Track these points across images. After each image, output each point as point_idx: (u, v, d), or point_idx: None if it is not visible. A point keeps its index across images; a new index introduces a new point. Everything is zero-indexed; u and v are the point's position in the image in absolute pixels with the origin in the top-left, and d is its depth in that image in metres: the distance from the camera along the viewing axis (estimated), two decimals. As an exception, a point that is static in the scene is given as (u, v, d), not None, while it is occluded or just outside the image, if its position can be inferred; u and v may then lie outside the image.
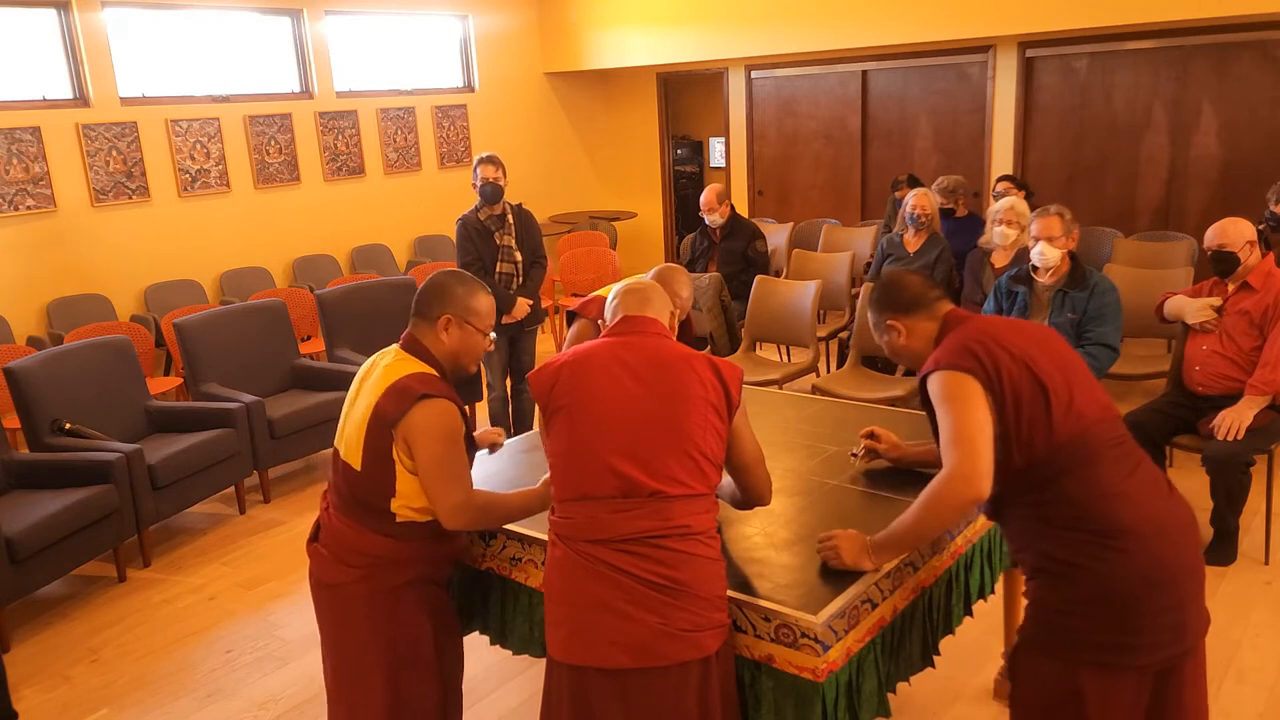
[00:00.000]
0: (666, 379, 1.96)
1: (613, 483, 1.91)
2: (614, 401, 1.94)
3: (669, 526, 1.90)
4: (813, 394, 4.11)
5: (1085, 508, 1.92)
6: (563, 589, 1.96)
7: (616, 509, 1.91)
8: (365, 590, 2.27)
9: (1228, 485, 3.59)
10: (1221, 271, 3.72)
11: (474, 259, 4.95)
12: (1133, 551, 1.89)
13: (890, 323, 2.20)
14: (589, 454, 1.93)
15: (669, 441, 1.91)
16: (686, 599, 1.88)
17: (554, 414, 1.99)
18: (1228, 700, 2.93)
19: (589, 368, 1.99)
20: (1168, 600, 1.90)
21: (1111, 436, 1.98)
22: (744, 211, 7.87)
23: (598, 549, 1.91)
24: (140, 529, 4.26)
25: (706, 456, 1.94)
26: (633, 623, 1.87)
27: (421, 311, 2.34)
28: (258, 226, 7.44)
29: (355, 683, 2.32)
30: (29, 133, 6.22)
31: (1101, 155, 7.10)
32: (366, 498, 2.25)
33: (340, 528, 2.31)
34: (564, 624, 1.95)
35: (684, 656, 1.87)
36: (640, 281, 2.22)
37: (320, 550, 2.35)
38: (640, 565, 1.88)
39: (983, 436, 1.91)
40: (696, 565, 1.90)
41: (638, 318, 2.09)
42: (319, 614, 2.39)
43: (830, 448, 2.78)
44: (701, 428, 1.93)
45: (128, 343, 4.88)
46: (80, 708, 3.31)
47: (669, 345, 2.05)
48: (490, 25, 8.95)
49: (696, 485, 1.93)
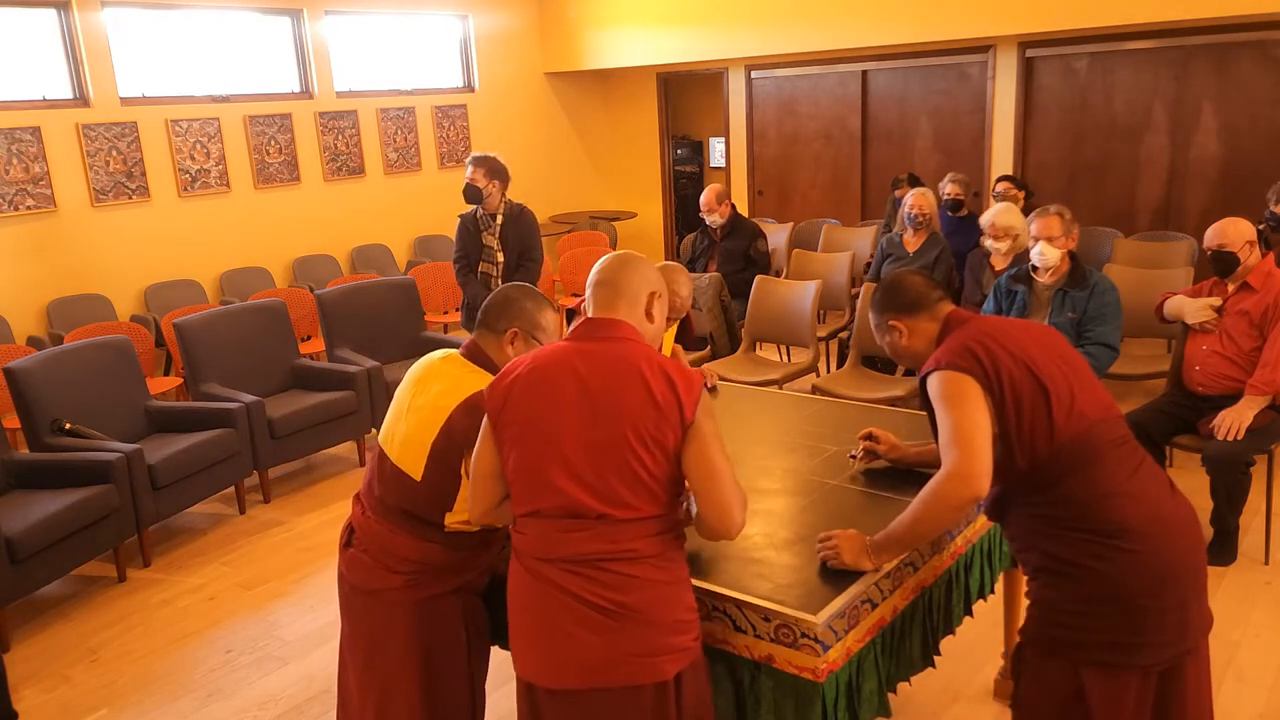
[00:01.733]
0: (618, 394, 1.84)
1: (559, 504, 1.84)
2: (563, 420, 1.85)
3: (616, 550, 1.82)
4: (813, 394, 4.11)
5: (1089, 508, 1.92)
6: (517, 603, 1.93)
7: (565, 528, 1.84)
8: (409, 598, 2.26)
9: (1228, 485, 3.59)
10: (1221, 271, 3.72)
11: (460, 255, 5.03)
12: (1137, 551, 1.89)
13: (892, 323, 2.21)
14: (537, 474, 1.86)
15: (617, 462, 1.82)
16: (634, 623, 1.81)
17: (504, 429, 1.91)
18: (1228, 700, 2.93)
19: (541, 382, 1.89)
20: (1171, 599, 1.90)
21: (1114, 436, 1.98)
22: (744, 211, 7.86)
23: (546, 568, 1.86)
24: (140, 529, 4.26)
25: (655, 476, 1.83)
26: (578, 644, 1.82)
27: (489, 323, 2.31)
28: (258, 226, 7.45)
29: (388, 687, 2.30)
30: (29, 133, 6.22)
31: (1101, 155, 7.10)
32: (420, 508, 2.23)
33: (384, 534, 2.27)
34: (518, 638, 1.93)
35: (633, 680, 1.81)
36: (614, 268, 2.02)
37: (360, 556, 2.31)
38: (586, 587, 1.82)
39: (981, 436, 1.91)
40: (645, 589, 1.83)
41: (602, 321, 1.95)
42: (351, 618, 2.36)
43: (830, 448, 2.78)
44: (649, 448, 1.82)
45: (128, 343, 4.88)
46: (80, 708, 3.31)
47: (628, 354, 1.89)
48: (490, 25, 8.95)
49: (646, 508, 1.83)
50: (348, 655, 2.41)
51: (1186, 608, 1.93)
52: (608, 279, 2.00)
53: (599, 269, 2.03)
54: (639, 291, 2.00)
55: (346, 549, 2.36)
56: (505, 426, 1.91)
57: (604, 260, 2.05)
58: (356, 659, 2.37)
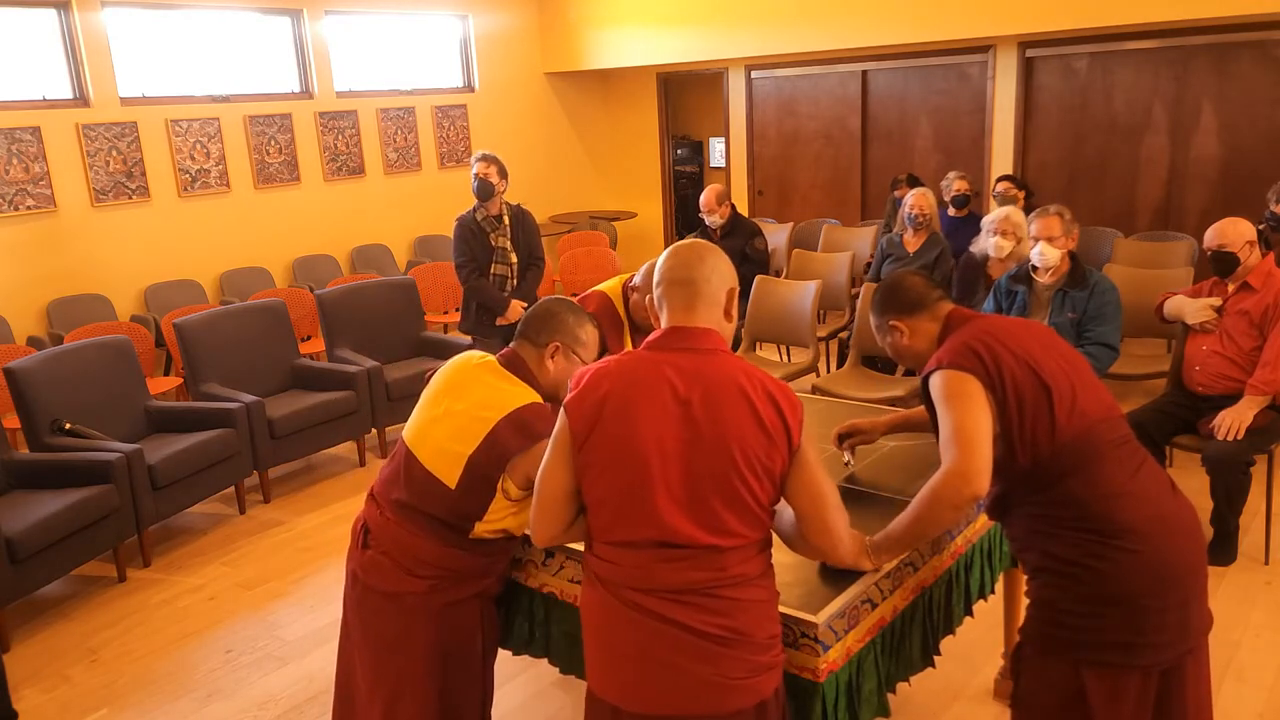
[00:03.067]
0: (722, 415, 1.73)
1: (663, 533, 1.73)
2: (664, 445, 1.73)
3: (725, 577, 1.74)
4: (813, 394, 4.11)
5: (1090, 508, 1.92)
6: (604, 634, 1.82)
7: (668, 558, 1.74)
8: (429, 602, 2.23)
9: (1228, 485, 3.59)
10: (1221, 272, 3.72)
11: (469, 259, 4.93)
12: (1138, 551, 1.89)
13: (894, 324, 2.20)
14: (637, 501, 1.74)
15: (723, 489, 1.72)
16: (741, 647, 1.74)
17: (595, 451, 1.77)
18: (1228, 700, 2.93)
19: (636, 399, 1.75)
20: (1173, 599, 1.90)
21: (1115, 436, 1.98)
22: (744, 211, 7.86)
23: (646, 599, 1.75)
24: (140, 529, 4.26)
25: (761, 503, 1.76)
26: (683, 674, 1.73)
27: (529, 336, 2.27)
28: (258, 226, 7.45)
29: (399, 688, 2.28)
30: (29, 133, 6.22)
31: (1101, 155, 7.10)
32: (450, 514, 2.19)
33: (406, 538, 2.23)
34: (606, 667, 1.83)
35: (739, 705, 1.75)
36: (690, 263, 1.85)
37: (379, 559, 2.26)
38: (693, 616, 1.73)
39: (981, 435, 1.91)
40: (753, 610, 1.77)
41: (690, 331, 1.81)
42: (364, 619, 2.32)
43: (830, 448, 2.78)
44: (757, 474, 1.74)
45: (128, 343, 4.88)
46: (80, 708, 3.31)
47: (726, 369, 1.78)
48: (490, 25, 8.95)
49: (750, 533, 1.76)
50: (356, 655, 2.37)
51: (1187, 608, 1.93)
52: (684, 276, 1.84)
53: (671, 265, 1.87)
54: (718, 290, 1.85)
55: (364, 550, 2.30)
56: (595, 447, 1.77)
57: (675, 253, 1.89)
58: (367, 659, 2.33)
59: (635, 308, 3.15)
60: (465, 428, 2.16)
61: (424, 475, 2.20)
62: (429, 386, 2.32)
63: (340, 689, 2.48)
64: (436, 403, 2.25)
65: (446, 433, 2.19)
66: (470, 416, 2.17)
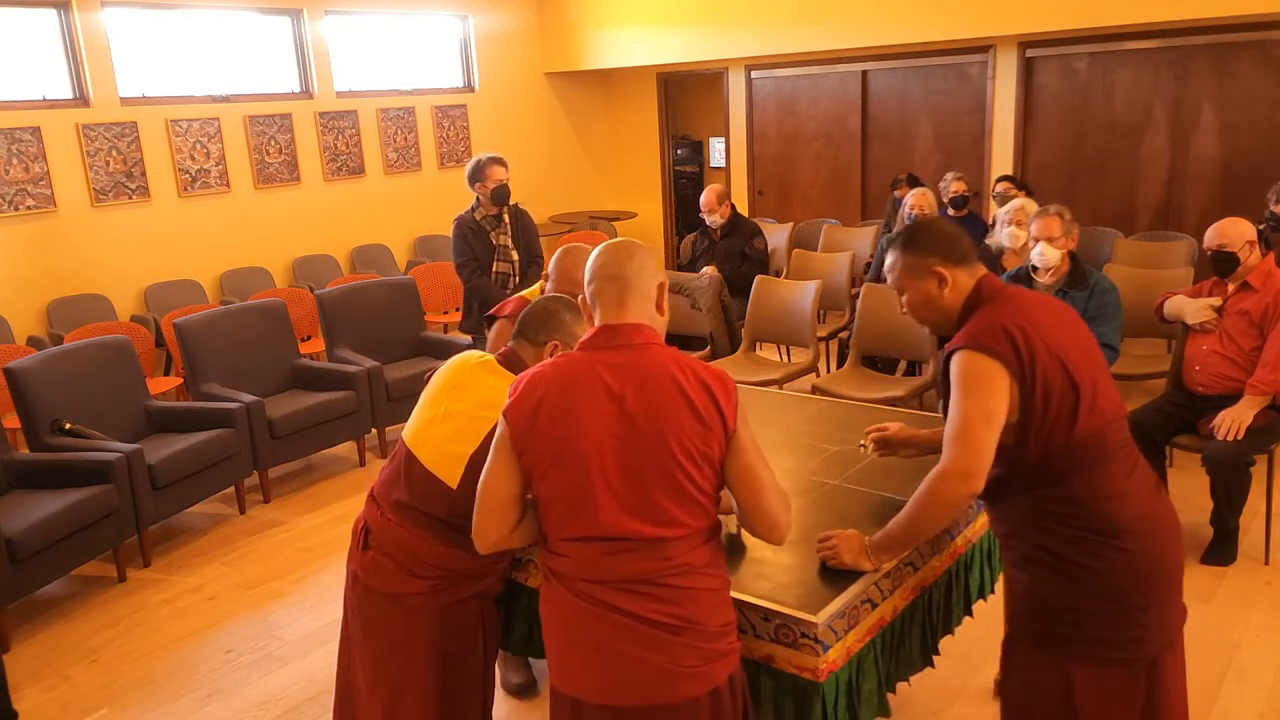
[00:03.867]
0: (656, 407, 1.76)
1: (609, 529, 1.77)
2: (602, 442, 1.76)
3: (670, 567, 1.78)
4: (813, 394, 4.11)
5: (1089, 507, 1.92)
6: (559, 627, 1.86)
7: (615, 550, 1.78)
8: (431, 603, 2.23)
9: (1228, 485, 3.59)
10: (1221, 271, 3.72)
11: (470, 259, 4.93)
12: (1132, 550, 1.91)
13: (938, 269, 1.99)
14: (581, 499, 1.77)
15: (664, 481, 1.75)
16: (692, 634, 1.79)
17: (537, 454, 1.80)
18: (1228, 700, 2.93)
19: (573, 402, 1.78)
20: (1156, 596, 1.95)
21: (1121, 438, 1.99)
22: (744, 212, 7.86)
23: (598, 589, 1.80)
24: (140, 529, 4.26)
25: (703, 490, 1.79)
26: (636, 663, 1.77)
27: (528, 335, 2.28)
28: (258, 226, 7.44)
29: (401, 688, 2.29)
30: (29, 133, 6.22)
31: (1101, 155, 7.10)
32: (451, 515, 2.19)
33: (408, 539, 2.23)
34: (565, 660, 1.86)
35: (693, 693, 1.78)
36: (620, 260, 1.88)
37: (381, 560, 2.26)
38: (643, 605, 1.77)
39: (989, 431, 1.86)
40: (701, 598, 1.80)
41: (622, 328, 1.84)
42: (366, 620, 2.32)
43: (830, 448, 2.78)
44: (696, 462, 1.77)
45: (128, 343, 4.88)
46: (80, 708, 3.31)
47: (657, 361, 1.81)
48: (490, 25, 8.95)
49: (695, 522, 1.79)
50: (357, 655, 2.37)
51: (1167, 602, 1.98)
52: (615, 273, 1.87)
53: (601, 262, 1.89)
54: (649, 285, 1.88)
55: (365, 551, 2.30)
56: (536, 452, 1.80)
57: (604, 251, 1.92)
58: (369, 659, 2.33)
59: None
60: (466, 428, 2.17)
61: (425, 476, 2.20)
62: (428, 387, 2.32)
63: (341, 690, 2.48)
64: (436, 403, 2.25)
65: (447, 433, 2.19)
66: (470, 416, 2.18)
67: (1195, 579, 3.62)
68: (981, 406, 1.85)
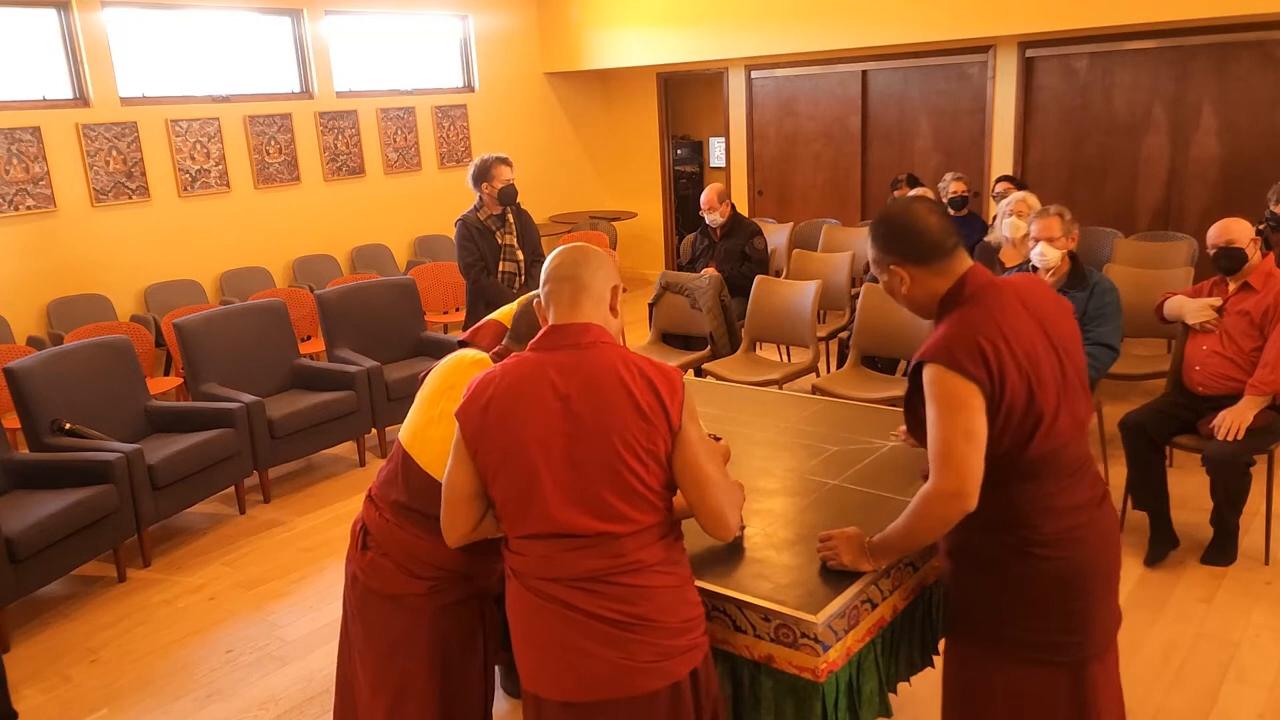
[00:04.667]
0: (602, 407, 1.78)
1: (558, 525, 1.80)
2: (548, 440, 1.79)
3: (622, 564, 1.80)
4: (813, 394, 4.11)
5: (1020, 516, 1.94)
6: (522, 624, 1.89)
7: (566, 548, 1.81)
8: (431, 604, 2.24)
9: (1228, 485, 3.59)
10: (1228, 269, 3.72)
11: (476, 259, 4.93)
12: (1052, 559, 1.93)
13: (895, 268, 1.96)
14: (530, 496, 1.80)
15: (610, 477, 1.77)
16: (648, 632, 1.80)
17: (487, 454, 1.83)
18: (1228, 700, 2.93)
19: (519, 402, 1.81)
20: (1077, 604, 1.95)
21: (1073, 455, 1.96)
22: (744, 212, 7.86)
23: (552, 586, 1.83)
24: (140, 529, 4.26)
25: (651, 487, 1.80)
26: (593, 659, 1.80)
27: (519, 335, 2.26)
28: (258, 226, 7.44)
29: (403, 688, 2.29)
30: (29, 133, 6.22)
31: (1101, 155, 7.10)
32: None
33: (406, 539, 2.23)
34: (525, 653, 1.90)
35: (649, 687, 1.81)
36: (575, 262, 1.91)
37: (380, 561, 2.26)
38: (596, 603, 1.80)
39: (974, 449, 1.82)
40: (655, 596, 1.82)
41: (571, 327, 1.86)
42: (367, 621, 2.32)
43: (830, 448, 2.78)
44: (641, 458, 1.78)
45: (128, 343, 4.88)
46: (80, 708, 3.31)
47: (604, 360, 1.82)
48: (490, 25, 8.95)
49: (644, 518, 1.81)
50: (359, 656, 2.37)
51: (1092, 612, 1.97)
52: (569, 274, 1.89)
53: (556, 265, 1.92)
54: (603, 286, 1.90)
55: (364, 552, 2.30)
56: (486, 452, 1.83)
57: (559, 254, 1.94)
58: (370, 660, 2.33)
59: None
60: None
61: (422, 477, 2.20)
62: (424, 387, 2.31)
63: (341, 690, 2.48)
64: (433, 404, 2.24)
65: (444, 434, 2.16)
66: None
67: (1195, 579, 3.63)
68: (961, 427, 1.82)
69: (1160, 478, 3.76)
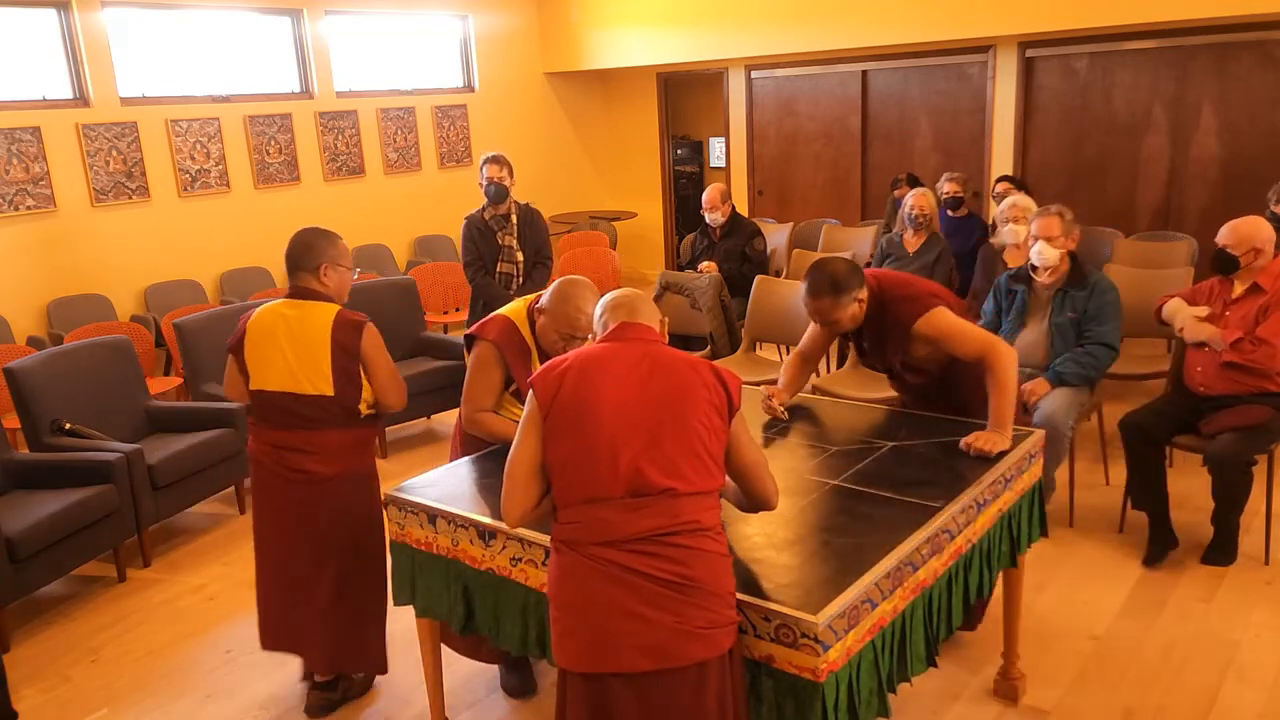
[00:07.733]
0: (671, 380, 1.98)
1: (624, 482, 1.91)
2: (623, 402, 1.95)
3: (679, 523, 1.91)
4: (813, 394, 4.11)
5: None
6: (574, 596, 1.95)
7: (626, 508, 1.91)
8: (353, 472, 3.01)
9: (1228, 485, 3.59)
10: (1219, 270, 3.73)
11: (475, 258, 4.95)
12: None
13: (857, 292, 2.83)
14: (598, 455, 1.92)
15: (677, 440, 1.93)
16: (701, 595, 1.89)
17: (558, 417, 1.97)
18: (1228, 700, 2.93)
19: (596, 370, 1.99)
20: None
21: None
22: (744, 211, 7.86)
23: (609, 551, 1.91)
24: (140, 529, 4.26)
25: (711, 456, 1.96)
26: (649, 624, 1.87)
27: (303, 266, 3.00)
28: (258, 226, 7.44)
29: (343, 549, 2.99)
30: (29, 133, 6.22)
31: (1101, 155, 7.10)
32: (341, 410, 2.96)
33: (322, 439, 2.94)
34: (578, 632, 1.94)
35: (702, 655, 1.88)
36: (629, 297, 2.18)
37: (299, 458, 2.93)
38: (653, 564, 1.89)
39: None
40: (708, 561, 1.92)
41: (632, 324, 2.08)
42: (305, 512, 2.95)
43: (830, 448, 2.78)
44: (706, 427, 1.95)
45: (128, 343, 4.88)
46: (80, 708, 3.31)
47: (667, 349, 2.07)
48: (490, 25, 8.95)
49: (703, 483, 1.95)
50: (298, 544, 2.98)
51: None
52: (625, 303, 2.13)
53: (614, 299, 2.15)
54: (653, 318, 2.14)
55: (288, 453, 2.93)
56: (559, 414, 1.96)
57: (613, 295, 2.18)
58: (313, 541, 2.96)
59: (543, 331, 2.80)
60: (312, 352, 2.87)
61: (312, 399, 2.89)
62: (250, 344, 2.93)
63: (276, 589, 3.06)
64: (276, 350, 2.90)
65: (305, 365, 2.89)
66: (309, 342, 2.88)
67: (1195, 579, 3.63)
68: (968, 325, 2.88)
69: (1160, 478, 3.76)
